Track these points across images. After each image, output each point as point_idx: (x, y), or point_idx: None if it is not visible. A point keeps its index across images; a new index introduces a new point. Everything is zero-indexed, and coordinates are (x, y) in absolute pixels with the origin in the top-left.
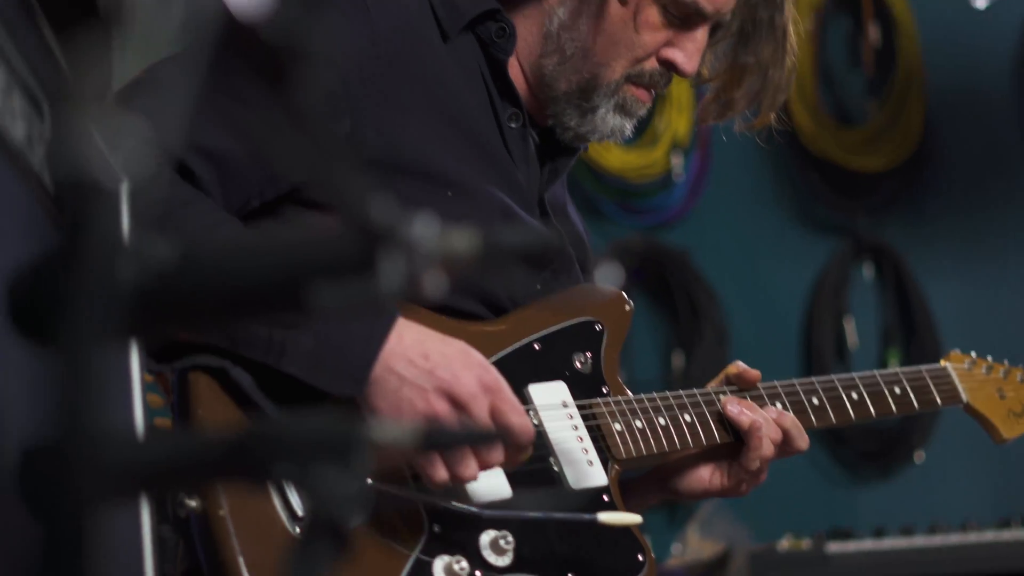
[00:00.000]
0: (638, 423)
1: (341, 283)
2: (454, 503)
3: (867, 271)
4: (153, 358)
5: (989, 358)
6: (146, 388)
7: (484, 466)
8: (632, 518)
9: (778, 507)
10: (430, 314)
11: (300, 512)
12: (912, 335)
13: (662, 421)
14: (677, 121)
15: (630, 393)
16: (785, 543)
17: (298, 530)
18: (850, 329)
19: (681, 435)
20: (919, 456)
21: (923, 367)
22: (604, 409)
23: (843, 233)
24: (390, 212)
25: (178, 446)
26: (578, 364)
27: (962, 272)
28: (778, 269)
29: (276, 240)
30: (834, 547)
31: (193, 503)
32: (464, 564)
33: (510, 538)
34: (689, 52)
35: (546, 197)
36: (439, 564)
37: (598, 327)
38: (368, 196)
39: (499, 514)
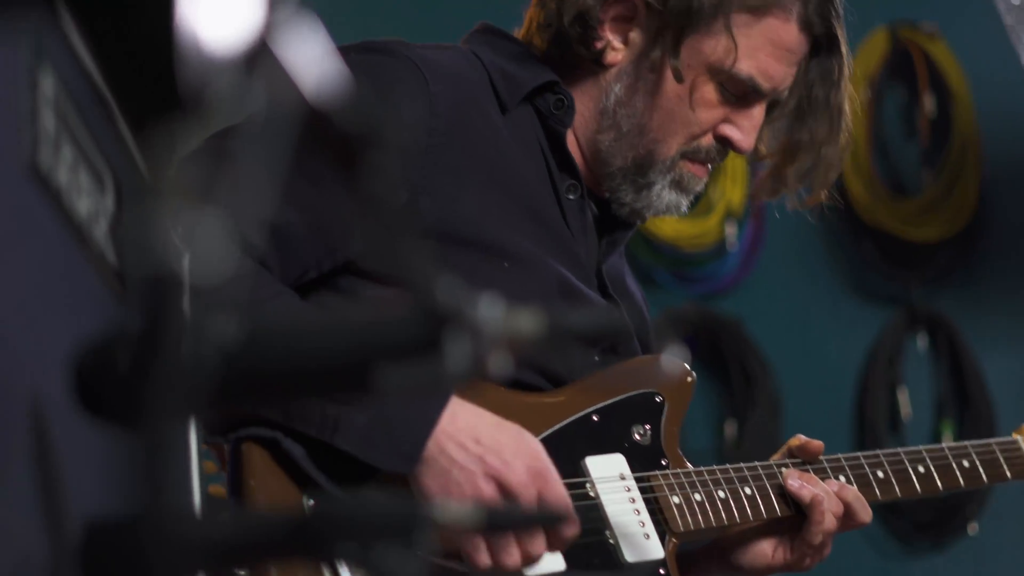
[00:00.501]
0: (697, 496)
1: (407, 364)
2: None
3: (921, 342)
4: (207, 428)
5: None
6: (202, 455)
7: (526, 556)
8: None
9: None
10: (489, 385)
11: None
12: (966, 406)
13: (721, 494)
14: (731, 191)
15: (690, 466)
16: None
17: None
18: (904, 400)
19: (741, 508)
20: (972, 528)
21: (992, 440)
22: (662, 481)
23: (897, 303)
24: (456, 293)
25: (241, 524)
26: (637, 436)
27: (1017, 343)
28: (832, 339)
29: (341, 320)
30: None
31: (243, 574)
32: None
33: None
34: (746, 129)
35: (604, 269)
36: None
37: (658, 399)
38: (433, 276)
39: None
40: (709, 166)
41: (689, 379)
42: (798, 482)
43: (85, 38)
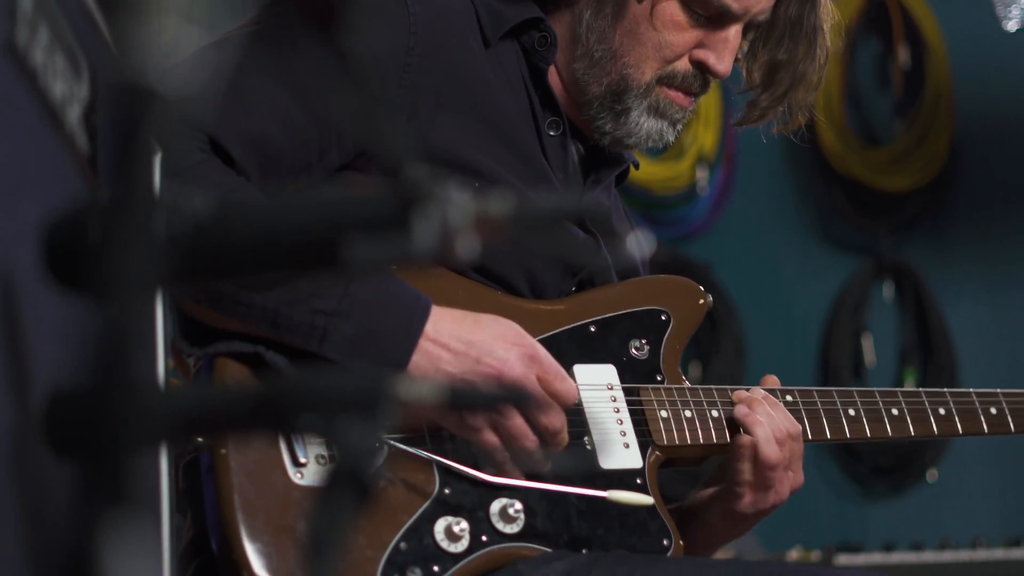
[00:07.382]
0: (687, 412)
1: (376, 240)
2: (465, 469)
3: (887, 290)
4: (187, 341)
5: None
6: (169, 373)
7: (517, 444)
8: (642, 498)
9: (789, 520)
10: (487, 289)
11: (303, 459)
12: (929, 355)
13: (715, 414)
14: (704, 135)
15: (688, 384)
16: (794, 554)
17: (300, 476)
18: (868, 347)
19: (734, 430)
20: (932, 475)
21: (973, 390)
22: (652, 396)
23: (865, 252)
24: (426, 172)
25: (204, 396)
26: (633, 350)
27: (982, 294)
28: (799, 285)
29: (312, 196)
30: (843, 560)
31: (200, 438)
32: (464, 526)
33: (518, 506)
34: (720, 52)
35: None
36: (440, 524)
37: (664, 316)
38: (405, 157)
39: (510, 483)
40: (692, 97)
41: (701, 301)
42: (744, 408)
43: None
